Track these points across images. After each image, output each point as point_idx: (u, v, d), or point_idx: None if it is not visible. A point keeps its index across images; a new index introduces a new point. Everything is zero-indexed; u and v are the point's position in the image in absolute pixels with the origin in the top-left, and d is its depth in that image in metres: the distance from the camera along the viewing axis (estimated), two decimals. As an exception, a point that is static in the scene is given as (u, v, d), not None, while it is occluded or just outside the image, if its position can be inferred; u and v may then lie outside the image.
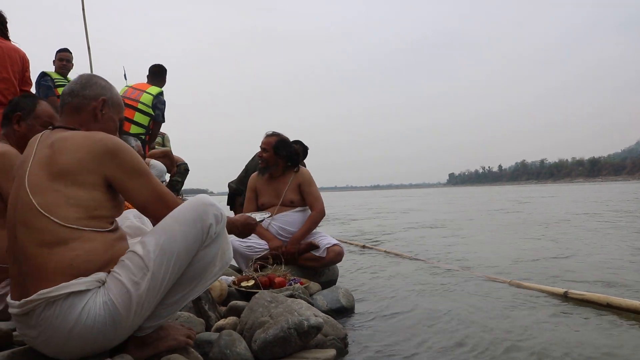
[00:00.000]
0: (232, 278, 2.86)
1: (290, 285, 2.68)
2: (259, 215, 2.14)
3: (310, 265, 3.30)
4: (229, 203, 4.61)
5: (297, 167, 3.56)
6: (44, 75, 4.75)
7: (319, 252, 3.27)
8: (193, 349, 1.65)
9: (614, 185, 55.07)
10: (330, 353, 1.87)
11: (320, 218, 3.46)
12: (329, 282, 3.36)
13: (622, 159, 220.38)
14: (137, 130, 4.48)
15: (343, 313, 2.69)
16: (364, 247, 6.02)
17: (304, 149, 4.26)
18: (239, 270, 3.45)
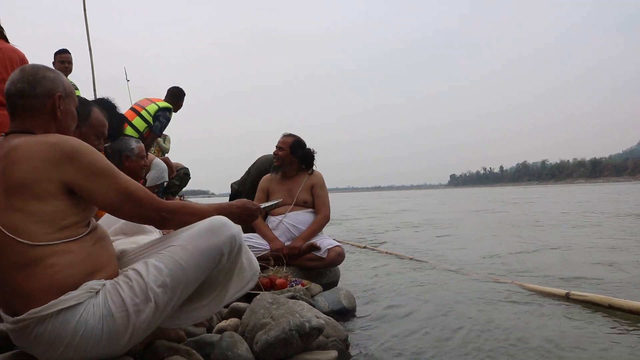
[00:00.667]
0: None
1: (292, 287, 2.68)
2: (268, 203, 2.02)
3: (312, 266, 3.29)
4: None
5: (311, 169, 3.65)
6: None
7: (320, 252, 3.27)
8: (195, 351, 1.65)
9: (614, 186, 55.04)
10: (332, 354, 1.87)
11: (325, 223, 3.53)
12: (331, 283, 3.35)
13: (623, 160, 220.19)
14: (130, 133, 4.49)
15: (344, 314, 2.68)
16: (365, 248, 6.02)
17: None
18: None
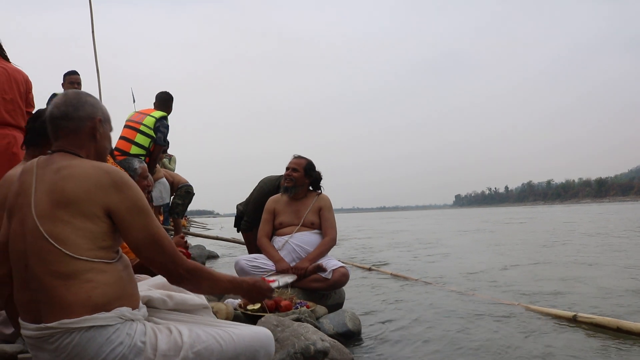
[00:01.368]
0: (238, 301, 2.85)
1: (297, 309, 2.67)
2: (282, 280, 1.93)
3: (316, 287, 3.28)
4: (236, 225, 4.66)
5: (319, 191, 3.68)
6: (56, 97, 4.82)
7: (325, 273, 3.26)
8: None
9: (617, 206, 54.56)
10: (337, 378, 1.86)
11: (332, 245, 3.55)
12: (336, 305, 3.34)
13: (629, 179, 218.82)
14: (137, 151, 4.53)
15: (350, 337, 2.67)
16: (370, 269, 5.99)
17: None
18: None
